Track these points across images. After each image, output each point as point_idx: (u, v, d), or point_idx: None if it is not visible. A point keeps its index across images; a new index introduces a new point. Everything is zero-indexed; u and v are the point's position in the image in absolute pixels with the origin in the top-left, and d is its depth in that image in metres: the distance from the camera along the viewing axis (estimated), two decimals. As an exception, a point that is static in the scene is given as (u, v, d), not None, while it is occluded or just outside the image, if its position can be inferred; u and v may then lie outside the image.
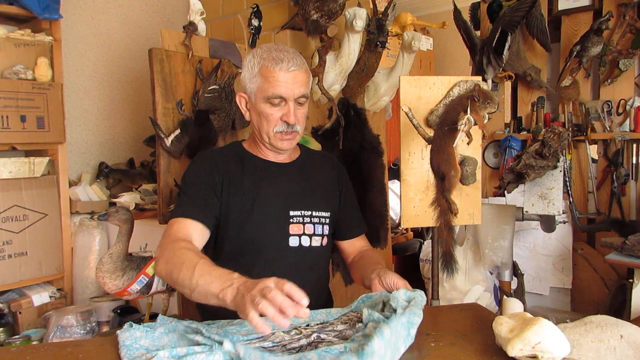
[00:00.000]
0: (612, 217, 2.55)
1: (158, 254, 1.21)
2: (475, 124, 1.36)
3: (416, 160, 1.78)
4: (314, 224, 1.41)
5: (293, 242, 1.38)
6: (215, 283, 0.99)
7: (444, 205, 1.42)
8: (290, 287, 0.87)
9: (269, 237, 1.36)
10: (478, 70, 2.67)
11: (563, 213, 2.59)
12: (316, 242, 1.41)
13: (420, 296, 1.10)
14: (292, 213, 1.38)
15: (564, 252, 2.70)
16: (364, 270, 1.35)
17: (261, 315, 0.84)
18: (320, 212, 1.42)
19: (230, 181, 1.36)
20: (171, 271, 1.11)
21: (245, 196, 1.35)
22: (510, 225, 2.52)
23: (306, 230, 1.39)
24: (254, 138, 1.42)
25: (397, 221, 3.11)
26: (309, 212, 1.40)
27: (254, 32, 2.35)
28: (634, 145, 2.53)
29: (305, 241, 1.39)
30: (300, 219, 1.39)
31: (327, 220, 1.44)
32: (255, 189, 1.36)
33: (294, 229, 1.38)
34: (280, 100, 1.29)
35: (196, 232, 1.27)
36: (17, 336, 2.18)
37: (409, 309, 1.01)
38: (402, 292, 1.12)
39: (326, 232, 1.44)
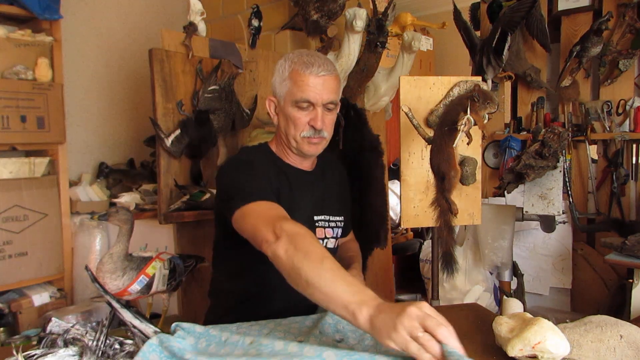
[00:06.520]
0: (612, 217, 2.55)
1: (264, 233, 1.05)
2: (475, 124, 1.36)
3: (416, 160, 1.78)
4: (332, 227, 1.45)
5: None
6: (346, 290, 0.88)
7: (444, 205, 1.42)
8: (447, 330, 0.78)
9: None
10: (478, 70, 2.67)
11: (563, 213, 2.59)
12: (331, 244, 1.45)
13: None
14: (316, 218, 1.41)
15: (564, 252, 2.70)
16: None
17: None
18: (336, 217, 1.47)
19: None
20: (294, 254, 0.98)
21: (281, 204, 1.27)
22: (510, 226, 2.52)
23: (327, 234, 1.44)
24: (280, 142, 1.40)
25: (397, 221, 3.11)
26: (329, 217, 1.44)
27: (254, 32, 2.35)
28: (634, 146, 2.53)
29: (325, 244, 1.43)
30: (324, 223, 1.43)
31: (342, 224, 1.49)
32: (289, 197, 1.34)
33: (319, 232, 1.41)
34: (309, 104, 1.28)
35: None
36: (17, 336, 2.18)
37: None
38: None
39: (339, 235, 1.49)
